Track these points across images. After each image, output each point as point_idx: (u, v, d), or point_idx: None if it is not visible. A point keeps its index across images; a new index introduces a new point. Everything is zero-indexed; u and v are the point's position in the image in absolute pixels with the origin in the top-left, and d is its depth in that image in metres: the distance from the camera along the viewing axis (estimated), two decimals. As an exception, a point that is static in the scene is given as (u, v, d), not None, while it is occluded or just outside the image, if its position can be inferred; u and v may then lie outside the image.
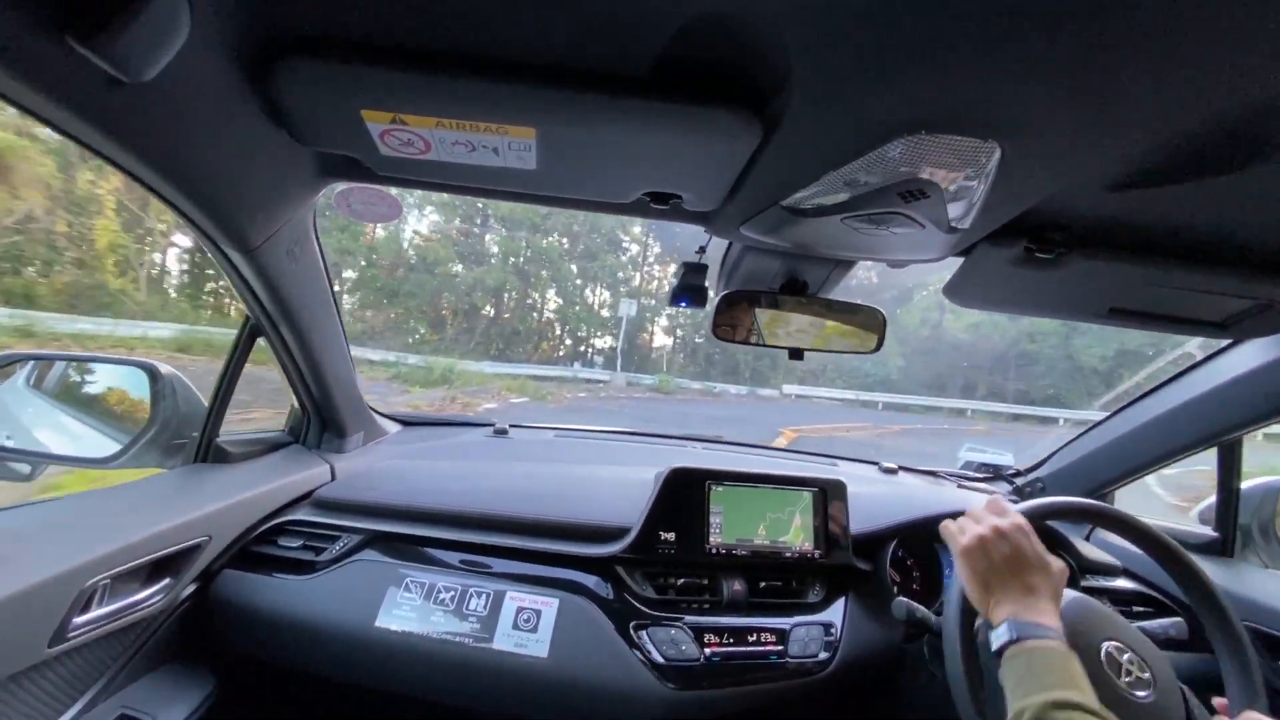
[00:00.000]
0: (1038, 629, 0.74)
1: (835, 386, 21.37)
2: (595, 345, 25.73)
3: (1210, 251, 0.85)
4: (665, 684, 1.03)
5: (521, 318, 24.64)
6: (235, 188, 0.78)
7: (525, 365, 19.54)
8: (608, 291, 26.89)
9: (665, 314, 26.72)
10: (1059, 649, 0.72)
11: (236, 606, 1.05)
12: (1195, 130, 0.59)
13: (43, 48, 0.47)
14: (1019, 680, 0.71)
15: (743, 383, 22.59)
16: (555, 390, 15.35)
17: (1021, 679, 0.71)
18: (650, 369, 24.11)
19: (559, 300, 25.84)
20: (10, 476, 1.08)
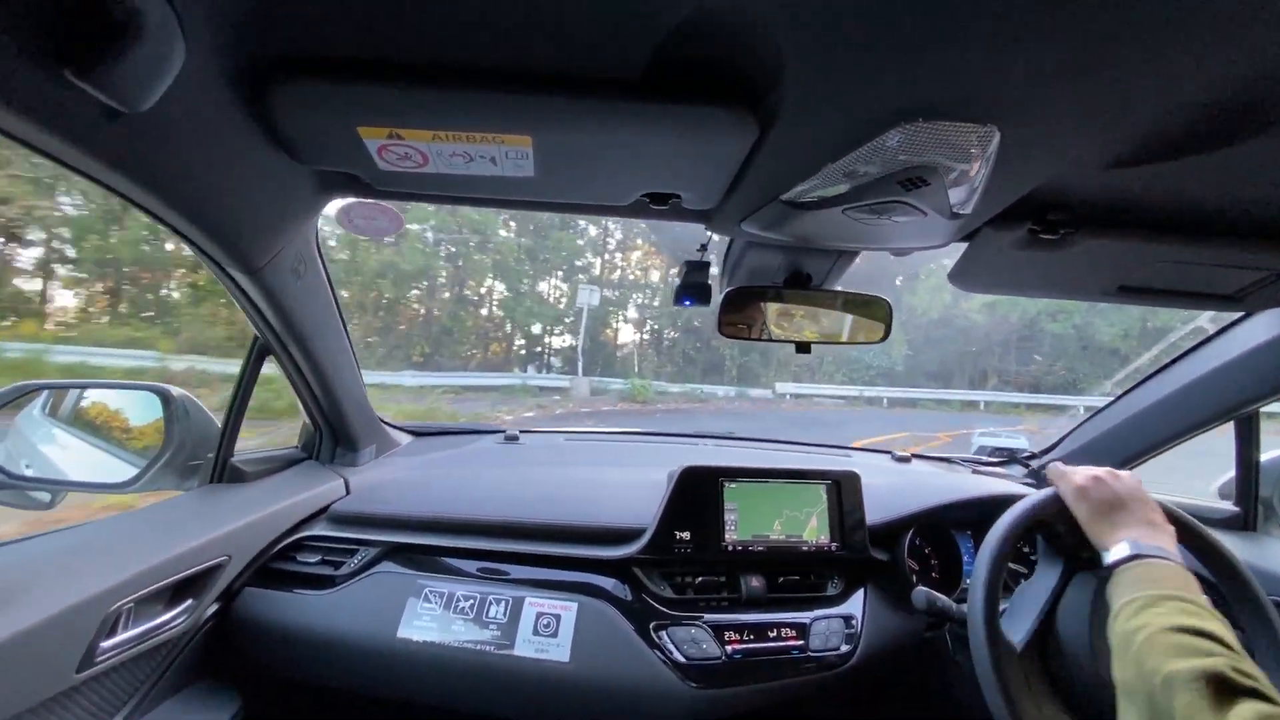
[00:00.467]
0: (1160, 549, 0.75)
1: (834, 382, 18.99)
2: (551, 344, 21.15)
3: (1218, 224, 0.84)
4: (688, 683, 1.03)
5: (453, 314, 19.37)
6: (237, 210, 0.79)
7: (459, 374, 15.50)
8: (562, 279, 21.66)
9: (634, 302, 22.64)
10: (1181, 569, 0.72)
11: (259, 624, 1.06)
12: (1197, 103, 0.58)
13: (41, 82, 0.47)
14: (1132, 584, 0.71)
15: (729, 382, 19.38)
16: (486, 410, 11.28)
17: (1136, 582, 0.71)
18: (619, 371, 19.74)
19: (502, 289, 20.65)
20: (32, 505, 1.09)
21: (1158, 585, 0.69)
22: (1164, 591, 0.68)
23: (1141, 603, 0.67)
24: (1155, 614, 0.65)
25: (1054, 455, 1.65)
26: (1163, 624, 0.63)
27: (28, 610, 0.72)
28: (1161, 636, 0.61)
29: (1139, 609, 0.67)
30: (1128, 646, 0.64)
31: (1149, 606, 0.66)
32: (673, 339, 21.87)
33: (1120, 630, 0.67)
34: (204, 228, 0.76)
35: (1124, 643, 0.65)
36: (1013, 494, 1.36)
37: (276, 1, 0.52)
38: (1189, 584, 0.70)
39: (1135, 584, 0.71)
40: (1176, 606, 0.65)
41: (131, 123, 0.55)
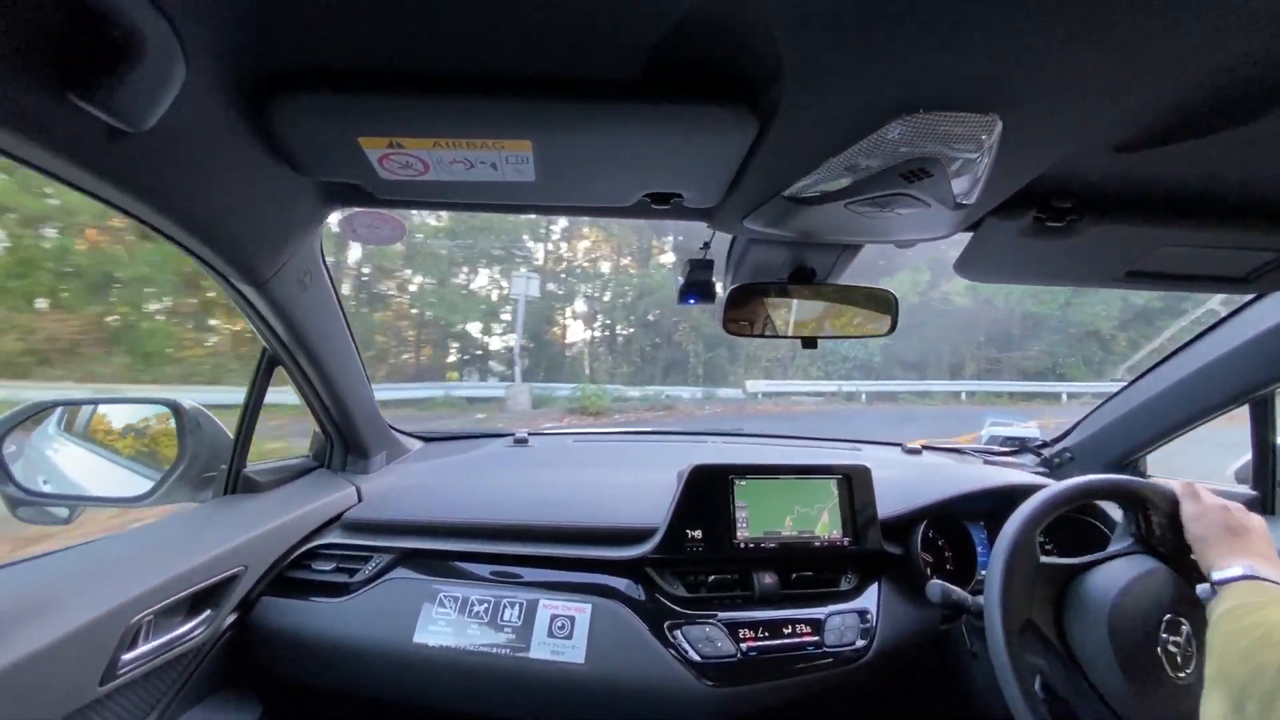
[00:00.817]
0: (1276, 576, 0.75)
1: (808, 377, 17.25)
2: (489, 346, 17.44)
3: (1227, 206, 0.83)
4: (704, 682, 1.03)
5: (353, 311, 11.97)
6: (243, 223, 0.79)
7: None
8: (500, 271, 17.73)
9: (583, 292, 19.25)
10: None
11: (277, 633, 1.07)
12: (1203, 84, 0.58)
13: (46, 105, 0.48)
14: (1242, 593, 0.73)
15: (694, 382, 16.90)
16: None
17: (1247, 592, 0.73)
18: (567, 375, 16.80)
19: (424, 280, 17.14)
20: (50, 521, 1.10)
21: (1270, 596, 0.71)
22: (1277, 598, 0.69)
23: (1254, 605, 0.69)
24: (1271, 613, 0.66)
25: (1065, 444, 1.64)
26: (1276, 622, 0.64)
27: (49, 626, 0.73)
28: (1273, 635, 0.62)
29: (1250, 610, 0.68)
30: (1236, 642, 0.65)
31: (1262, 608, 0.67)
32: (628, 335, 18.90)
33: (1226, 631, 0.68)
34: (210, 242, 0.77)
35: (1230, 640, 0.66)
36: (1026, 484, 1.35)
37: (274, 17, 0.53)
38: None
39: (1246, 593, 0.73)
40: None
41: (135, 141, 0.56)
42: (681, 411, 13.41)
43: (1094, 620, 0.84)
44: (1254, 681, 0.60)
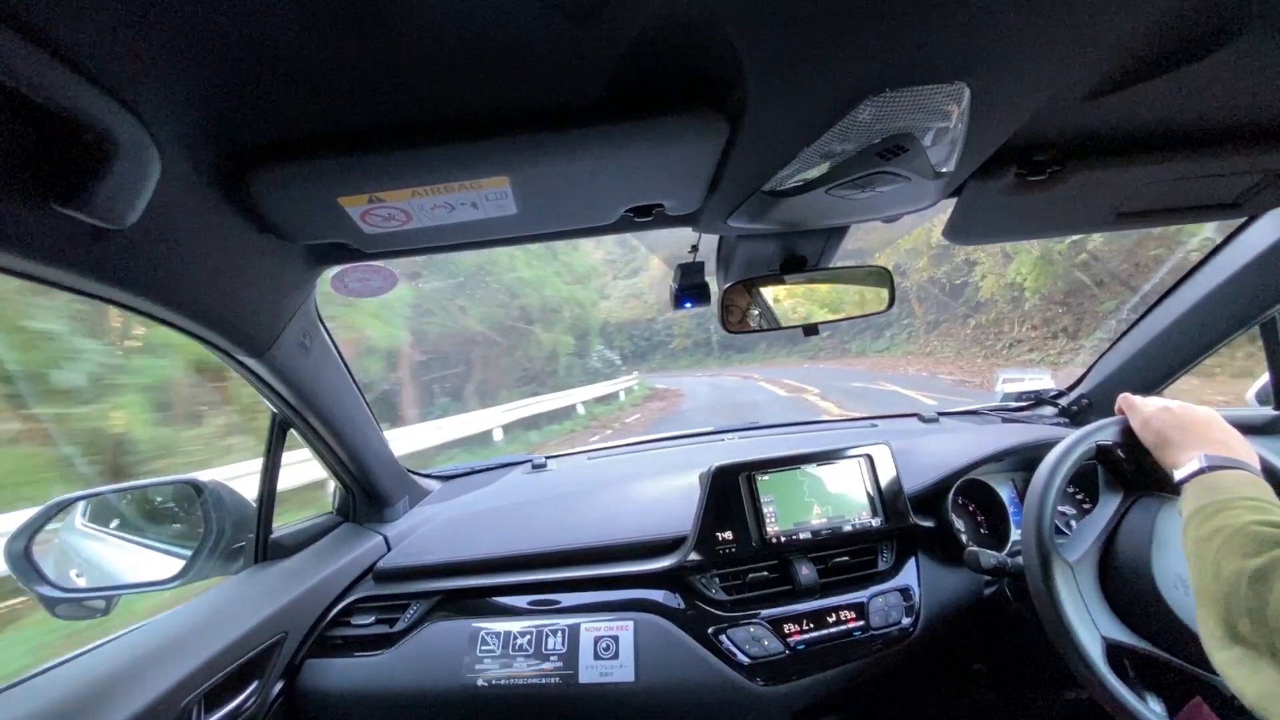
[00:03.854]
0: (1234, 460, 0.74)
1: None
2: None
3: (1207, 135, 0.83)
4: (756, 682, 1.03)
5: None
6: (237, 298, 0.80)
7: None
8: None
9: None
10: (1255, 477, 0.71)
11: (325, 695, 1.07)
12: (1164, 19, 0.58)
13: (28, 217, 0.48)
14: (1201, 493, 0.70)
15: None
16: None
17: (1205, 490, 0.70)
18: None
19: None
20: (88, 615, 1.11)
21: (1229, 490, 0.68)
22: (1234, 495, 0.67)
23: (1213, 508, 0.66)
24: (1227, 517, 0.64)
25: (1081, 389, 1.63)
26: (1237, 524, 0.62)
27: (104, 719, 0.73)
28: (1237, 537, 0.60)
29: (1210, 514, 0.66)
30: (1204, 553, 0.63)
31: (1220, 511, 0.65)
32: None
33: (1194, 538, 0.66)
34: (208, 322, 0.77)
35: (1199, 550, 0.64)
36: (1048, 438, 1.34)
37: (239, 97, 0.53)
38: (1262, 488, 0.69)
39: (1204, 492, 0.70)
40: (1249, 506, 0.64)
41: (121, 237, 0.57)
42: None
43: (1118, 560, 0.85)
44: (1233, 596, 0.58)
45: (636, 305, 37.68)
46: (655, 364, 34.01)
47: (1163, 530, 0.84)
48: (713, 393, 16.41)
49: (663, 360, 34.96)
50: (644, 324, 37.02)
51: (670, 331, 36.29)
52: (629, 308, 37.71)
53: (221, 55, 0.49)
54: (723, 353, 32.26)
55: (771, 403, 12.51)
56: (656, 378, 23.89)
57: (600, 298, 37.86)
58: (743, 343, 29.55)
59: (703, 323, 32.17)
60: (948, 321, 17.64)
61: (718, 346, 32.33)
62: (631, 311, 37.36)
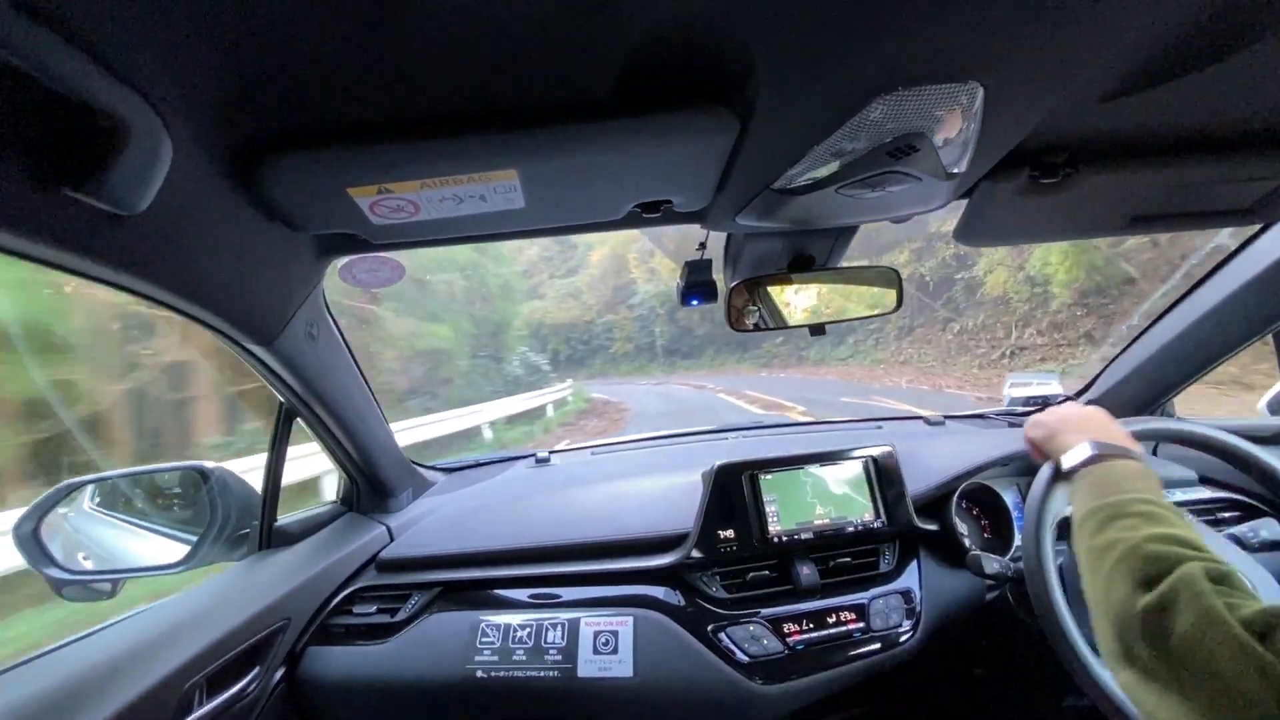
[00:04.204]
0: (1121, 449, 0.73)
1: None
2: None
3: (1223, 140, 0.81)
4: (754, 681, 1.03)
5: None
6: (246, 286, 0.80)
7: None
8: None
9: None
10: (1143, 467, 0.70)
11: (326, 682, 1.08)
12: (1182, 21, 0.57)
13: (40, 202, 0.49)
14: (1090, 490, 0.69)
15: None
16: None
17: (1094, 487, 0.69)
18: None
19: None
20: (94, 597, 1.12)
21: (1118, 489, 0.67)
22: (1128, 495, 0.65)
23: (1105, 513, 0.65)
24: (1122, 529, 0.62)
25: (1090, 395, 1.61)
26: (1131, 541, 0.59)
27: (105, 702, 0.74)
28: (1132, 557, 0.58)
29: (1104, 522, 0.64)
30: (1097, 567, 0.61)
31: (1114, 519, 0.63)
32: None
33: (1087, 547, 0.64)
34: (216, 309, 0.78)
35: (1092, 562, 0.62)
36: None
37: (251, 87, 0.54)
38: (1151, 481, 0.68)
39: (1096, 489, 0.69)
40: (1143, 514, 0.62)
41: (132, 223, 0.57)
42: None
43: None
44: (1129, 621, 0.55)
45: (574, 306, 35.23)
46: (594, 369, 31.86)
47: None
48: (665, 405, 14.05)
49: (602, 366, 32.43)
50: (582, 326, 34.56)
51: (610, 335, 33.69)
52: (566, 309, 35.35)
53: (235, 44, 0.49)
54: (668, 358, 30.07)
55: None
56: (595, 386, 21.57)
57: (532, 296, 35.39)
58: (688, 348, 28.68)
59: (646, 325, 31.07)
60: (924, 326, 16.04)
61: (662, 352, 30.46)
62: (568, 313, 34.93)
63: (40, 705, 0.71)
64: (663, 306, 30.10)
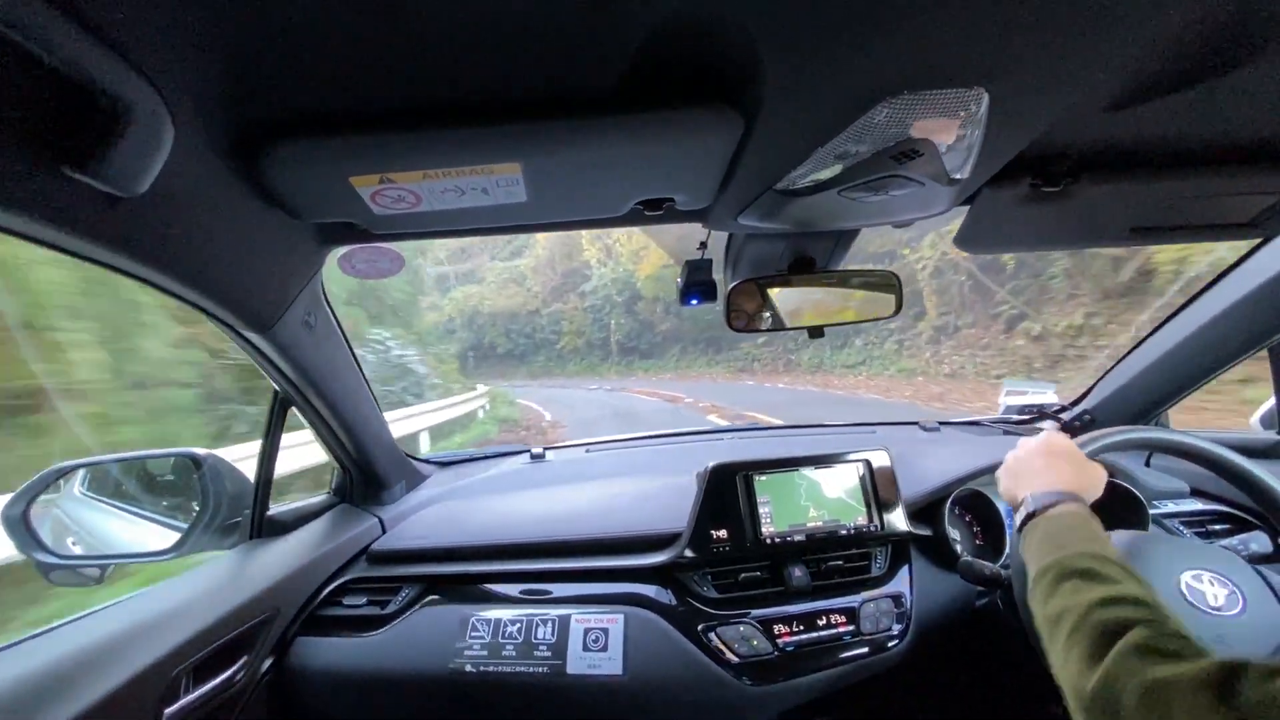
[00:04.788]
0: (1055, 494, 0.74)
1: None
2: None
3: (1226, 153, 0.82)
4: (743, 681, 1.03)
5: None
6: (244, 272, 0.80)
7: None
8: None
9: None
10: (1079, 511, 0.72)
11: (314, 673, 1.07)
12: (1187, 34, 0.57)
13: (40, 181, 0.48)
14: (1038, 545, 0.71)
15: None
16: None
17: (1039, 545, 0.70)
18: None
19: None
20: (82, 582, 1.11)
21: (1060, 545, 0.68)
22: (1070, 551, 0.65)
23: (1053, 575, 0.65)
24: (1069, 594, 0.62)
25: (1084, 405, 1.62)
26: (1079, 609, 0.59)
27: (90, 687, 0.73)
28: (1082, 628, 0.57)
29: (1051, 585, 0.64)
30: (1053, 636, 0.61)
31: (1061, 581, 0.64)
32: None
33: (1041, 614, 0.64)
34: (213, 295, 0.77)
35: (1048, 630, 0.62)
36: None
37: (256, 71, 0.53)
38: (1089, 526, 0.69)
39: (1041, 547, 0.70)
40: (1086, 573, 0.62)
41: (131, 206, 0.56)
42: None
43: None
44: (1081, 699, 0.53)
45: (517, 294, 30.45)
46: (537, 367, 27.95)
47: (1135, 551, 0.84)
48: (624, 425, 10.16)
49: (547, 364, 28.14)
50: (525, 317, 29.92)
51: (557, 328, 28.96)
52: (507, 295, 30.61)
53: (240, 29, 0.49)
54: (624, 357, 25.53)
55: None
56: (533, 390, 18.17)
57: (469, 281, 31.39)
58: (648, 346, 24.81)
59: (600, 318, 26.57)
60: (972, 327, 11.44)
61: (618, 349, 26.26)
62: (510, 300, 30.29)
63: (25, 689, 0.70)
64: (620, 294, 25.85)
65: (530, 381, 24.06)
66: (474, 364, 28.80)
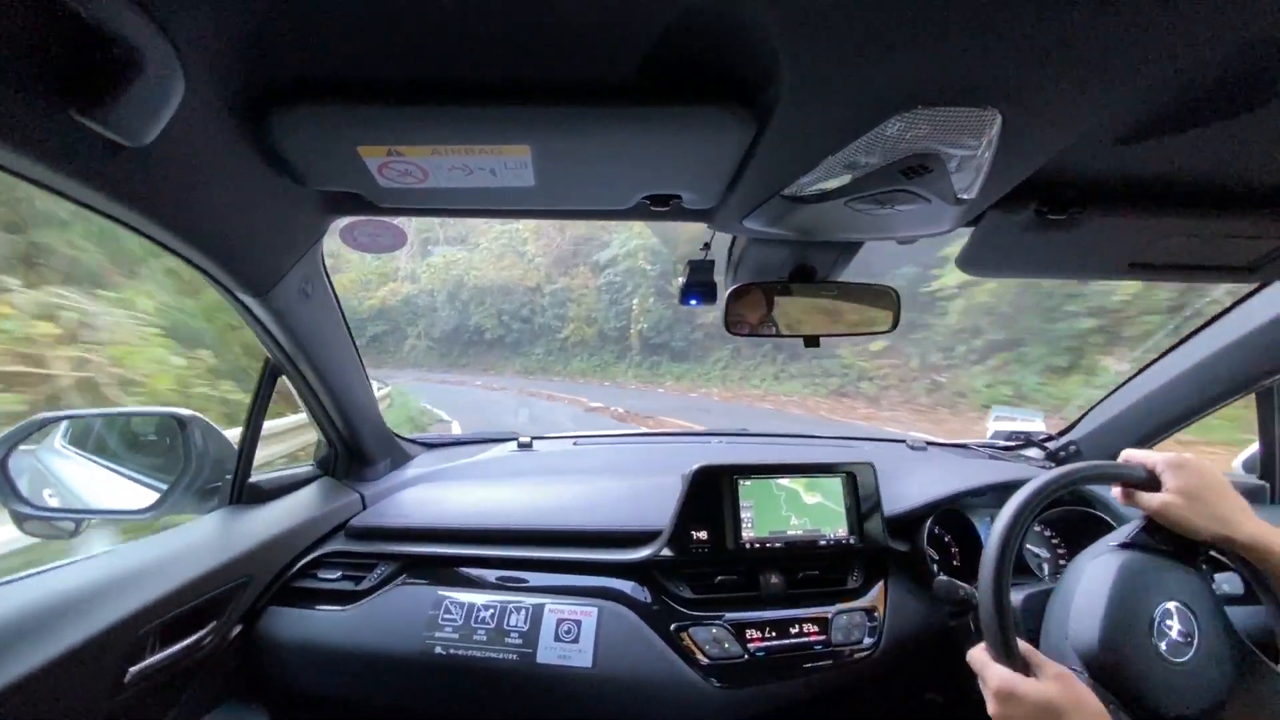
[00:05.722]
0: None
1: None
2: None
3: (1230, 195, 0.82)
4: (711, 683, 1.03)
5: None
6: (244, 235, 0.79)
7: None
8: None
9: None
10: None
11: (283, 643, 1.07)
12: (1203, 74, 0.57)
13: (46, 121, 0.48)
14: None
15: None
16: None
17: None
18: None
19: None
20: (56, 534, 1.10)
21: None
22: None
23: None
24: None
25: (1071, 436, 1.63)
26: None
27: (55, 640, 0.73)
28: None
29: None
30: None
31: None
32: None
33: None
34: (211, 254, 0.77)
35: None
36: (1029, 478, 1.35)
37: (272, 31, 0.53)
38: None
39: None
40: None
41: (135, 156, 0.56)
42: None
43: (1087, 615, 0.83)
44: None
45: (514, 265, 23.58)
46: (534, 362, 21.21)
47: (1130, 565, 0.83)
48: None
49: (545, 359, 21.22)
50: (522, 295, 22.88)
51: (562, 311, 21.32)
52: (503, 266, 23.64)
53: None
54: (648, 356, 17.95)
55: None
56: (531, 399, 13.40)
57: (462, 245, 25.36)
58: (682, 344, 17.26)
59: (619, 299, 19.10)
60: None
61: (640, 344, 18.32)
62: (506, 272, 23.47)
63: None
64: (654, 265, 18.68)
65: (522, 379, 18.66)
66: (458, 352, 24.10)
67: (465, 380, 19.43)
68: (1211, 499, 0.79)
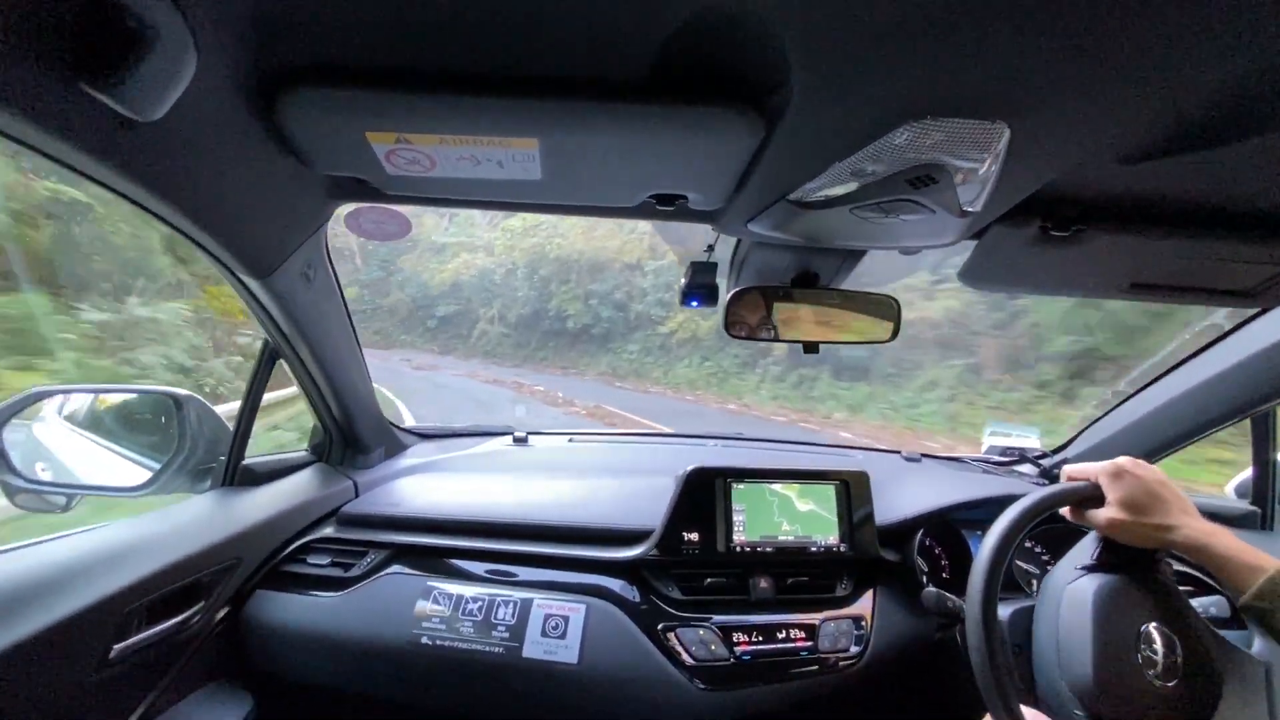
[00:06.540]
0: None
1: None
2: None
3: (1233, 219, 0.83)
4: (696, 684, 1.03)
5: None
6: (248, 216, 0.79)
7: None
8: None
9: None
10: None
11: (270, 626, 1.07)
12: (1210, 96, 0.57)
13: (57, 94, 0.48)
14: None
15: None
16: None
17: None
18: None
19: None
20: (47, 509, 1.10)
21: None
22: None
23: None
24: None
25: (1066, 454, 1.63)
26: None
27: (41, 614, 0.73)
28: None
29: None
30: None
31: None
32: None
33: None
34: (215, 234, 0.77)
35: None
36: (1022, 494, 1.35)
37: (286, 13, 0.53)
38: None
39: None
40: None
41: (144, 131, 0.56)
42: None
43: (1075, 638, 0.83)
44: None
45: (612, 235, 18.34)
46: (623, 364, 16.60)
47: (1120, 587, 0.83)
48: None
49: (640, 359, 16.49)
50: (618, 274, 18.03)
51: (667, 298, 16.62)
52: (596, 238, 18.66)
53: None
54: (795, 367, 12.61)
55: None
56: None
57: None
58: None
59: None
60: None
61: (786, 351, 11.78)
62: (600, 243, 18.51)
63: None
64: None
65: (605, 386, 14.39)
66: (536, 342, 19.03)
67: (523, 382, 14.94)
68: (1151, 504, 0.80)
